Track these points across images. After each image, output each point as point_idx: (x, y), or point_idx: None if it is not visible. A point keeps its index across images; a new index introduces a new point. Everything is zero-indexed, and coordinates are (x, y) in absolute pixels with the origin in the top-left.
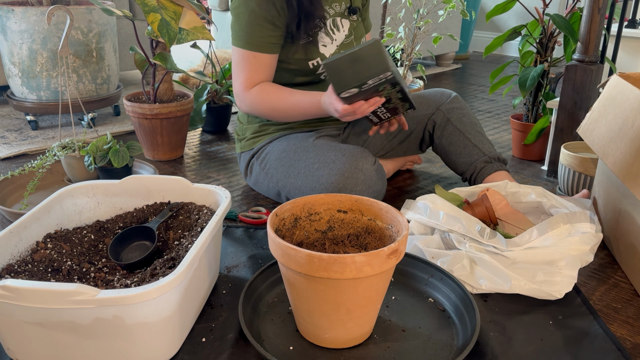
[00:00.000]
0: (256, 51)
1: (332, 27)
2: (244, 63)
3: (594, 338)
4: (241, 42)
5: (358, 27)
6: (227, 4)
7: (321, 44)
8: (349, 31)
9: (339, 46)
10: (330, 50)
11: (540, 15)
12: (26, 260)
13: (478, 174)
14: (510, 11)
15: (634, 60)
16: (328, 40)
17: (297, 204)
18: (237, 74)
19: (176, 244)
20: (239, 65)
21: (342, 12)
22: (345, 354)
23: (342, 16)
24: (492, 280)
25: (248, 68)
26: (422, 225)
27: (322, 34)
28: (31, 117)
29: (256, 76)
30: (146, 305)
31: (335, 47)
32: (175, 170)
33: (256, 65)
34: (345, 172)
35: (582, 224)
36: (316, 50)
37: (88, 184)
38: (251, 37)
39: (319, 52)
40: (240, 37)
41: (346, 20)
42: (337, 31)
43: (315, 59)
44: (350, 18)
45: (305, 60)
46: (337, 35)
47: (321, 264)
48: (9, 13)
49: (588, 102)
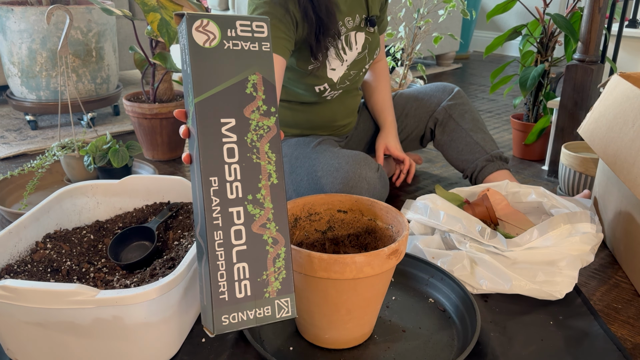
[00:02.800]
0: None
1: (344, 45)
2: None
3: (595, 338)
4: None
5: (374, 40)
6: (226, 3)
7: (329, 68)
8: (363, 46)
9: (349, 66)
10: (339, 74)
11: (541, 15)
12: (25, 261)
13: (479, 173)
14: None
15: (635, 59)
16: (337, 64)
17: (297, 204)
18: None
19: (176, 244)
20: None
21: (357, 25)
22: (345, 354)
23: (357, 29)
24: (493, 281)
25: None
26: (422, 225)
27: (331, 57)
28: (30, 117)
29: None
30: (146, 305)
31: (345, 67)
32: (175, 170)
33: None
34: (349, 181)
35: (582, 224)
36: (324, 75)
37: (87, 184)
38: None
39: (326, 77)
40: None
41: (361, 33)
42: (349, 50)
43: (323, 85)
44: (367, 30)
45: (312, 85)
46: (349, 54)
47: (321, 264)
48: (8, 13)
49: (588, 102)
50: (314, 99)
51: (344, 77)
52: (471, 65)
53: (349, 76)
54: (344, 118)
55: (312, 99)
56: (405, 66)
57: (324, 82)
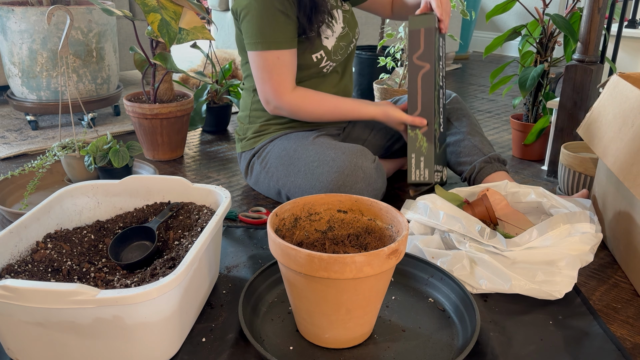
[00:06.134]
0: (277, 49)
1: (330, 19)
2: (269, 67)
3: (594, 338)
4: (260, 45)
5: (350, 19)
6: (227, 4)
7: (324, 36)
8: (344, 21)
9: (338, 38)
10: (331, 43)
11: (540, 15)
12: (26, 260)
13: (477, 174)
14: (510, 11)
15: (634, 60)
16: (329, 33)
17: (297, 204)
18: (265, 80)
19: (176, 244)
20: (264, 71)
21: (334, 3)
22: (345, 354)
23: (336, 7)
24: (492, 280)
25: (275, 71)
26: (422, 225)
27: (324, 27)
28: (31, 117)
29: (285, 79)
30: (146, 305)
31: (335, 39)
32: (175, 170)
33: (282, 67)
34: (345, 169)
35: (582, 224)
36: (319, 43)
37: (88, 184)
38: (269, 36)
39: (321, 44)
40: (257, 40)
41: (339, 10)
42: (335, 22)
43: (319, 52)
44: (343, 7)
45: (310, 53)
46: (336, 27)
47: (321, 264)
48: (9, 13)
49: (588, 102)
50: (312, 70)
51: (337, 48)
52: (471, 65)
53: (341, 48)
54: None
55: (309, 71)
56: (405, 66)
57: (320, 49)
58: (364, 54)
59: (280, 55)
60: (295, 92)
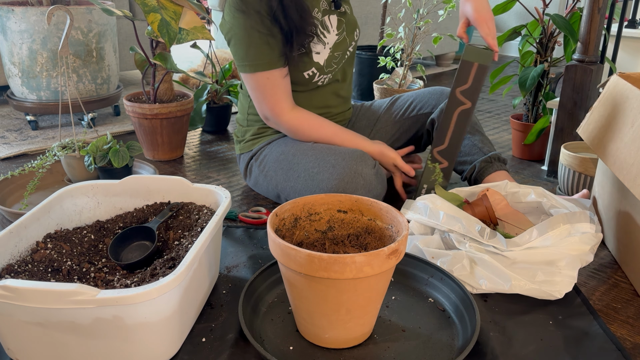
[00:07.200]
0: (264, 70)
1: (321, 30)
2: (261, 87)
3: (594, 338)
4: (248, 67)
5: (348, 20)
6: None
7: (314, 52)
8: (339, 27)
9: (332, 48)
10: (323, 57)
11: (540, 15)
12: (26, 260)
13: (477, 174)
14: (510, 11)
15: (634, 60)
16: (321, 47)
17: (297, 204)
18: (261, 99)
19: (176, 244)
20: (257, 91)
21: (327, 9)
22: (345, 354)
23: (329, 13)
24: (492, 280)
25: (268, 91)
26: (422, 225)
27: (313, 42)
28: (31, 117)
29: (279, 98)
30: (146, 305)
31: (329, 50)
32: (175, 170)
33: (274, 87)
34: (345, 176)
35: (582, 224)
36: (310, 60)
37: (88, 184)
38: (255, 58)
39: (312, 61)
40: (245, 63)
41: (334, 16)
42: (327, 33)
43: (310, 69)
44: (338, 12)
45: (301, 72)
46: (329, 37)
47: (321, 264)
48: (9, 13)
49: (588, 102)
50: (304, 87)
51: (330, 60)
52: None
53: (335, 58)
54: (337, 106)
55: (302, 87)
56: (405, 66)
57: (311, 66)
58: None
59: (270, 76)
60: (293, 112)
